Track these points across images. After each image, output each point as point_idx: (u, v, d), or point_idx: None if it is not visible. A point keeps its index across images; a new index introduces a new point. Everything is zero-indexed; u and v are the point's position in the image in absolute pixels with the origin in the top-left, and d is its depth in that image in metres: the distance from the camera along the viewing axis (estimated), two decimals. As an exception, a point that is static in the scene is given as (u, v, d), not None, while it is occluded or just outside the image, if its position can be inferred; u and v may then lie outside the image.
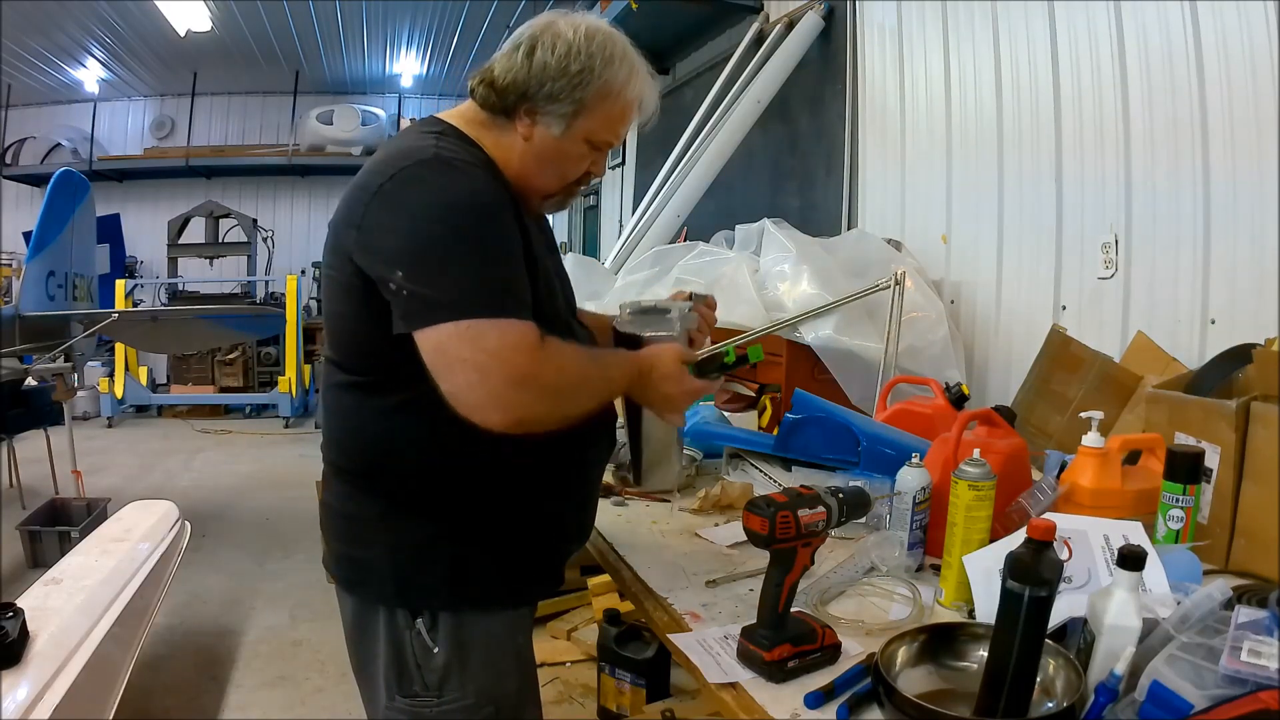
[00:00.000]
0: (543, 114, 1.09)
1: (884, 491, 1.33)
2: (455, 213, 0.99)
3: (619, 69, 1.10)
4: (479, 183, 1.03)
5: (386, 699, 1.14)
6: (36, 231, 4.72)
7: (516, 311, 0.98)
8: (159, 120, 9.54)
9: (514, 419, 0.98)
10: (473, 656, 1.12)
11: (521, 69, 1.08)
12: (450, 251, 0.98)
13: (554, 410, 1.02)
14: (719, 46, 4.44)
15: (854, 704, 0.92)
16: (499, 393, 0.96)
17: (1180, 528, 1.20)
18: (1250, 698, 0.76)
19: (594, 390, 1.08)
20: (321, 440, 1.19)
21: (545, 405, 1.00)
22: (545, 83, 1.07)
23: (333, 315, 1.11)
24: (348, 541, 1.15)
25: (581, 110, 1.09)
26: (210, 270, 8.95)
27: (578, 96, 1.08)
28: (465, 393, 0.97)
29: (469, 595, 1.11)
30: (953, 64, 2.67)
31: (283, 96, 9.20)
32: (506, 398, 0.96)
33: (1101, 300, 2.11)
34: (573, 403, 1.04)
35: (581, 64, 1.07)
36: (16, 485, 4.57)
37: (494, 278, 0.99)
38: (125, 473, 5.53)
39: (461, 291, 0.97)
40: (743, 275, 2.56)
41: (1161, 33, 1.91)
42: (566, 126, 1.10)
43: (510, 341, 0.96)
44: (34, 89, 8.78)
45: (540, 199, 1.18)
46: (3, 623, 1.41)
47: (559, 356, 1.01)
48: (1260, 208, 1.71)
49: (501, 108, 1.10)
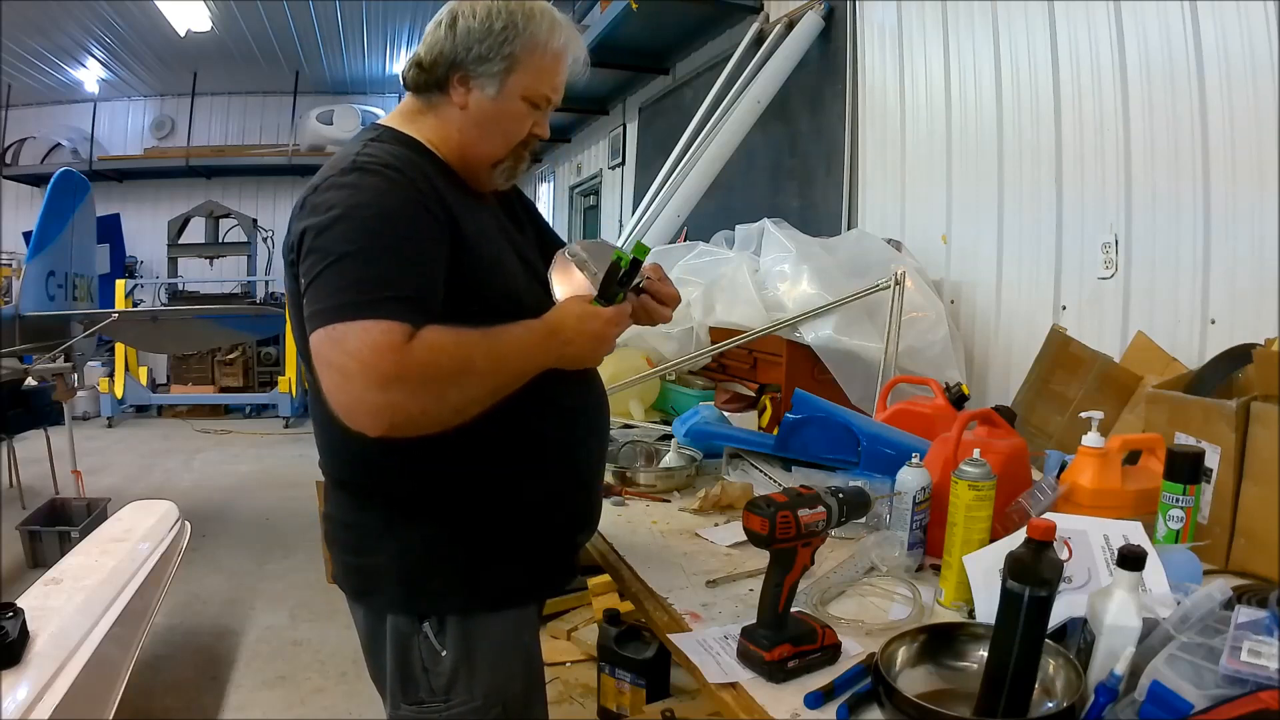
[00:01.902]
0: (475, 78, 1.11)
1: (884, 491, 1.33)
2: (349, 221, 0.98)
3: (540, 22, 1.12)
4: (386, 184, 1.01)
5: (392, 708, 1.14)
6: (36, 231, 4.72)
7: (391, 311, 0.93)
8: (159, 120, 9.55)
9: (384, 422, 0.93)
10: (481, 658, 1.12)
11: (447, 39, 1.11)
12: (338, 259, 0.96)
13: (434, 404, 0.96)
14: (719, 46, 4.44)
15: (854, 704, 0.92)
16: (360, 396, 0.92)
17: (1180, 528, 1.20)
18: (1250, 698, 0.76)
19: (486, 372, 1.00)
20: (317, 453, 1.19)
21: (419, 402, 0.94)
22: (472, 46, 1.10)
23: (297, 325, 1.10)
24: (353, 552, 1.15)
25: (513, 66, 1.11)
26: (210, 270, 8.96)
27: (506, 52, 1.10)
28: (333, 397, 0.94)
29: (478, 597, 1.11)
30: (953, 64, 2.67)
31: (283, 96, 9.21)
32: (369, 400, 0.92)
33: (1101, 300, 2.11)
34: (458, 391, 0.98)
35: (504, 21, 1.10)
36: (16, 485, 4.57)
37: (372, 278, 0.95)
38: (125, 473, 5.53)
39: (334, 296, 0.94)
40: (743, 275, 2.56)
41: (1161, 33, 1.91)
42: (501, 85, 1.11)
43: (369, 341, 0.91)
44: (34, 89, 8.79)
45: (489, 169, 1.17)
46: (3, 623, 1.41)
47: (431, 348, 0.95)
48: (1260, 208, 1.70)
49: (434, 83, 1.12)
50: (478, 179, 1.17)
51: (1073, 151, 2.20)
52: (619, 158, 6.07)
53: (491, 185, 1.20)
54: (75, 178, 5.05)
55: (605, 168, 6.49)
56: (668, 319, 1.25)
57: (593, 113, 6.42)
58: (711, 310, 2.60)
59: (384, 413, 0.92)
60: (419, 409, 0.95)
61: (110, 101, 9.39)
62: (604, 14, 4.53)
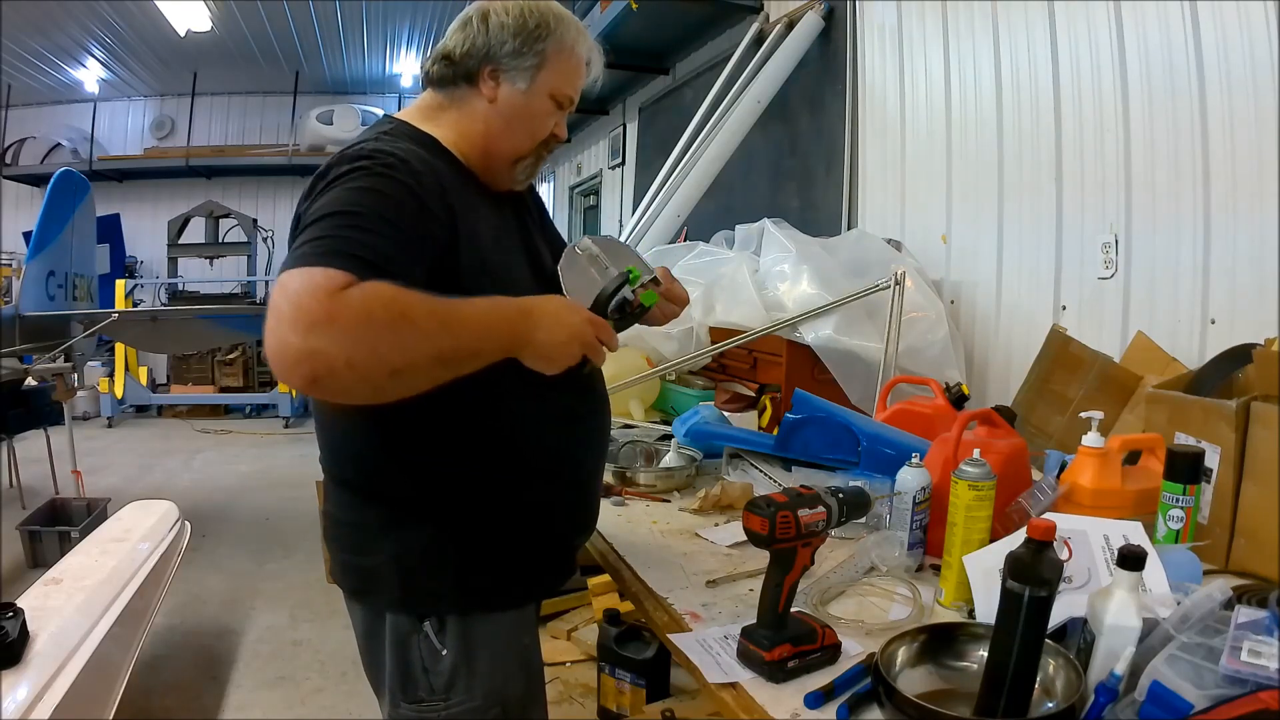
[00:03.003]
0: (507, 71, 1.13)
1: (884, 491, 1.33)
2: (334, 193, 0.96)
3: (569, 27, 1.16)
4: (384, 169, 0.99)
5: (391, 706, 1.14)
6: (36, 231, 4.73)
7: (343, 264, 0.87)
8: (159, 120, 9.55)
9: (306, 370, 0.84)
10: (480, 658, 1.12)
11: (480, 34, 1.13)
12: (311, 224, 0.93)
13: (363, 357, 0.86)
14: (719, 46, 4.44)
15: (854, 704, 0.92)
16: (285, 339, 0.83)
17: (1180, 528, 1.20)
18: (1250, 698, 0.76)
19: (429, 332, 0.90)
20: (319, 451, 1.19)
21: (344, 350, 0.84)
22: (506, 41, 1.12)
23: None
24: (352, 550, 1.15)
25: (544, 63, 1.14)
26: (210, 270, 8.96)
27: (539, 49, 1.13)
28: (265, 344, 0.86)
29: (476, 597, 1.11)
30: (953, 64, 2.67)
31: (283, 96, 9.21)
32: (293, 345, 0.83)
33: (1101, 300, 2.11)
34: (394, 348, 0.87)
35: (537, 20, 1.13)
36: (16, 485, 4.57)
37: (336, 236, 0.91)
38: (125, 473, 5.53)
39: (295, 252, 0.91)
40: (743, 275, 2.56)
41: (1161, 33, 1.91)
42: (531, 80, 1.14)
43: (307, 284, 0.85)
44: (34, 89, 8.80)
45: (511, 165, 1.18)
46: (3, 623, 1.42)
47: (367, 295, 0.86)
48: (1260, 208, 1.70)
49: (463, 76, 1.14)
50: (499, 176, 1.17)
51: (1073, 152, 2.20)
52: (619, 158, 6.07)
53: (512, 183, 1.20)
54: (75, 178, 5.05)
55: (605, 168, 6.49)
56: (677, 315, 1.27)
57: (593, 112, 6.42)
58: (711, 310, 2.60)
59: (305, 360, 0.83)
60: (344, 359, 0.84)
61: (110, 101, 9.38)
62: (604, 14, 4.53)
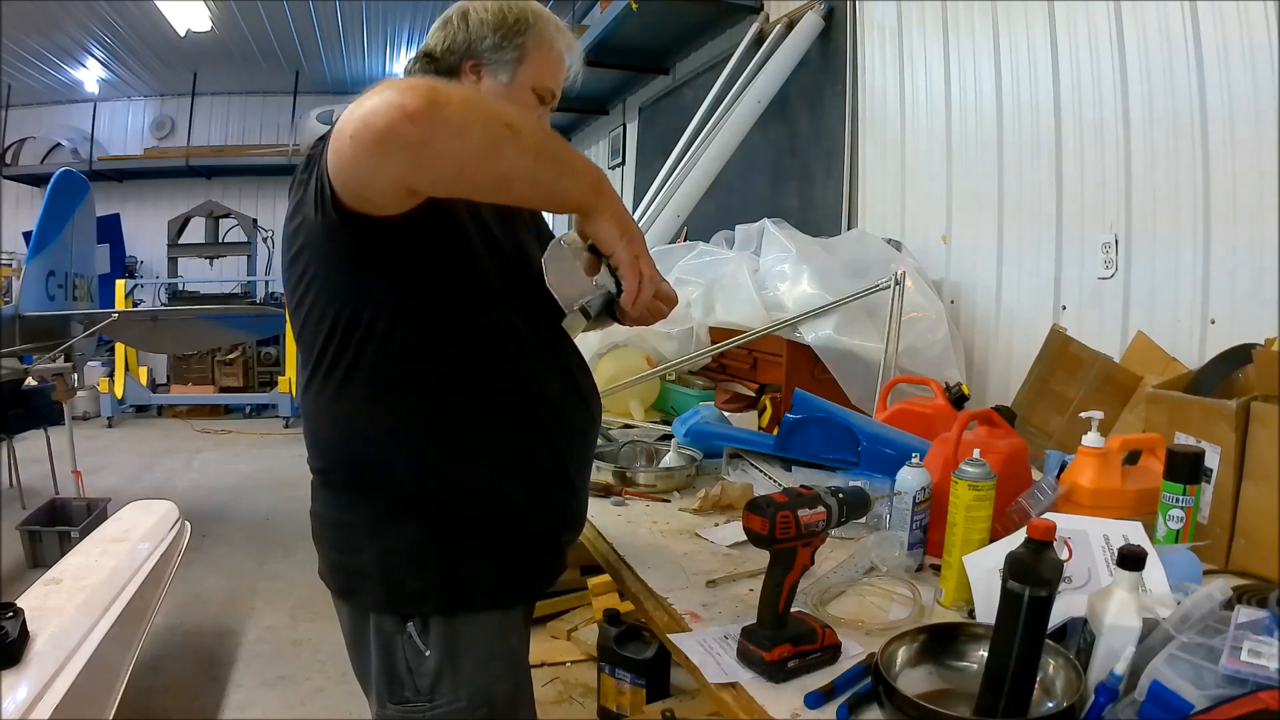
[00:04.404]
0: (489, 65, 1.17)
1: (884, 491, 1.33)
2: None
3: (548, 23, 1.20)
4: None
5: (378, 706, 1.14)
6: (36, 231, 4.73)
7: None
8: (159, 120, 9.55)
9: (422, 99, 0.82)
10: (465, 659, 1.11)
11: (460, 31, 1.17)
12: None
13: (463, 119, 0.85)
14: (719, 46, 4.44)
15: (854, 704, 0.91)
16: (397, 100, 0.81)
17: (1180, 528, 1.20)
18: (1250, 698, 0.76)
19: (533, 128, 0.92)
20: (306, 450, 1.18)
21: (449, 111, 0.84)
22: (486, 36, 1.16)
23: (296, 325, 1.10)
24: (338, 549, 1.14)
25: (524, 57, 1.17)
26: (210, 270, 8.97)
27: (519, 43, 1.17)
28: (365, 117, 0.83)
29: (460, 597, 1.11)
30: (953, 64, 2.67)
31: (283, 96, 9.21)
32: (409, 100, 0.81)
33: (1101, 300, 2.11)
34: (484, 128, 0.87)
35: (516, 16, 1.17)
36: (16, 485, 4.57)
37: None
38: (125, 473, 5.54)
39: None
40: (743, 275, 2.56)
41: (1161, 33, 1.91)
42: (513, 73, 1.17)
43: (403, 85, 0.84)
44: (34, 89, 8.80)
45: None
46: (3, 623, 1.42)
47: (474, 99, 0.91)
48: (1260, 208, 1.70)
49: (445, 72, 1.17)
50: None
51: (1073, 152, 2.20)
52: (619, 158, 6.06)
53: None
54: (75, 178, 5.05)
55: (605, 168, 6.45)
56: (665, 315, 1.26)
57: (593, 113, 6.42)
58: (711, 310, 2.60)
59: (421, 93, 0.82)
60: (447, 111, 0.84)
61: (110, 101, 9.38)
62: (604, 14, 4.52)
